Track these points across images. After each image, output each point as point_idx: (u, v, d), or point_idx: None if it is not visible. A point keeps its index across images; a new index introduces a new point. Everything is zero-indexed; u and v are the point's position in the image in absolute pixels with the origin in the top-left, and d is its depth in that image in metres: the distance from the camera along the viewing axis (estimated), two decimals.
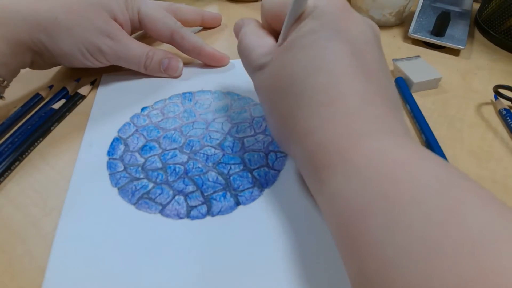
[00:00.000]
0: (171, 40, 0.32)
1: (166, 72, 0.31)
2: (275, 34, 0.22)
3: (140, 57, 0.30)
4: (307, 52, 0.17)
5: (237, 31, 0.24)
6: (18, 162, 0.24)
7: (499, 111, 0.28)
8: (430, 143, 0.25)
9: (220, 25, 0.40)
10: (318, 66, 0.17)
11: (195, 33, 0.37)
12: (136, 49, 0.30)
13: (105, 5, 0.29)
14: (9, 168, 0.23)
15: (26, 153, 0.25)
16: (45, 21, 0.26)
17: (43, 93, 0.29)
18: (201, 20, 0.38)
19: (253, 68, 0.21)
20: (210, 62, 0.33)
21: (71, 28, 0.27)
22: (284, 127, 0.18)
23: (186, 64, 0.33)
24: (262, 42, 0.21)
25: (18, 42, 0.25)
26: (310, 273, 0.18)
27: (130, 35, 0.31)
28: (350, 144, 0.15)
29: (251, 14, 0.43)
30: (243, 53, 0.22)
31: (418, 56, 0.33)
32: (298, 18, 0.18)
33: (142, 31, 0.37)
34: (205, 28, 0.40)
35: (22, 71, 0.28)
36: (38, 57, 0.28)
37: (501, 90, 0.29)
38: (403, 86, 0.30)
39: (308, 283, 0.18)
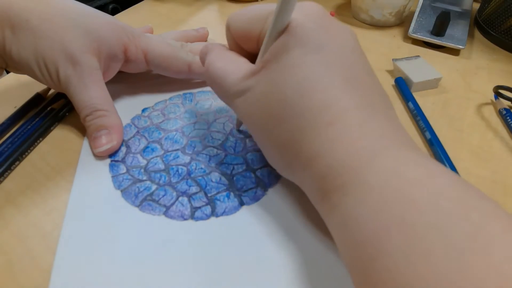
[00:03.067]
0: (189, 73, 0.29)
1: (90, 142, 0.25)
2: (246, 55, 0.20)
3: (83, 110, 0.24)
4: (296, 70, 0.16)
5: (203, 57, 0.21)
6: (18, 162, 0.24)
7: (499, 111, 0.28)
8: (433, 142, 0.25)
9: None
10: (312, 85, 0.16)
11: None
12: (85, 98, 0.24)
13: (93, 34, 0.25)
14: (9, 168, 0.23)
15: (26, 153, 0.25)
16: (16, 18, 0.23)
17: (43, 93, 0.29)
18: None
19: (231, 95, 0.19)
20: None
21: (38, 37, 0.23)
22: (285, 154, 0.17)
23: None
24: (236, 66, 0.19)
25: None
26: (314, 273, 0.18)
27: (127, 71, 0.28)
28: (362, 163, 0.14)
29: None
30: (215, 80, 0.20)
31: (418, 56, 0.33)
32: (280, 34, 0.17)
33: None
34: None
35: None
36: None
37: (501, 91, 0.29)
38: (403, 86, 0.30)
39: (312, 284, 0.18)
